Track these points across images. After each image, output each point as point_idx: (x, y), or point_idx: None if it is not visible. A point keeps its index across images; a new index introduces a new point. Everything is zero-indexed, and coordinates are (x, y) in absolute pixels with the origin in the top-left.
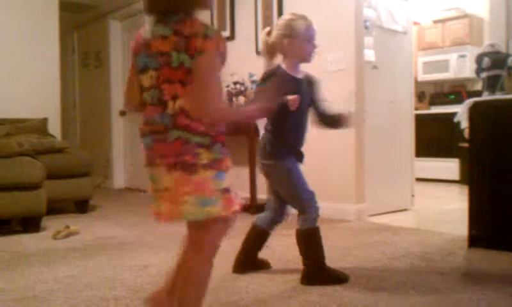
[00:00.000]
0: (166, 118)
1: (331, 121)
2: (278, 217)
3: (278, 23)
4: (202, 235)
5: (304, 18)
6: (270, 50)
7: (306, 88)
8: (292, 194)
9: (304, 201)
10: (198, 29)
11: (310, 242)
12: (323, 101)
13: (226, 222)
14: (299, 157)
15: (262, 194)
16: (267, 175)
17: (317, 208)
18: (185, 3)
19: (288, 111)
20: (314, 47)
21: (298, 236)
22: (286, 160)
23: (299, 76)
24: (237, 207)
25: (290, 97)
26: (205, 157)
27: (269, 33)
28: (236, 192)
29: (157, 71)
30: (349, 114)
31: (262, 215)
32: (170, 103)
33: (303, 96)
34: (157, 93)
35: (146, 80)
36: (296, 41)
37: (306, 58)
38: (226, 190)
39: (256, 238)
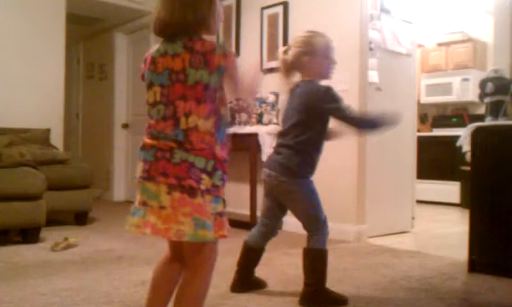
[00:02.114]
0: (180, 134)
1: (369, 123)
2: (270, 233)
3: (295, 40)
4: (198, 255)
5: (322, 35)
6: (288, 68)
7: None
8: (310, 213)
9: (320, 222)
10: (214, 46)
11: (317, 262)
12: (346, 107)
13: (216, 243)
14: (313, 173)
15: None
16: (282, 192)
17: (328, 232)
18: (193, 28)
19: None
20: (333, 63)
21: (306, 254)
22: (309, 179)
23: None
24: (225, 233)
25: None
26: (206, 183)
27: (286, 51)
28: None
29: (166, 88)
30: (386, 114)
31: (252, 231)
32: (183, 120)
33: None
34: (168, 109)
35: (151, 96)
36: (316, 58)
37: (326, 75)
38: (220, 214)
39: (250, 256)
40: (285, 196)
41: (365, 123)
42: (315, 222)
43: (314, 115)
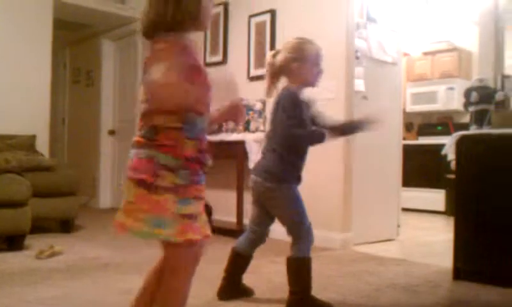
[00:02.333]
0: (150, 131)
1: (345, 128)
2: (258, 240)
3: (286, 46)
4: (173, 258)
5: (312, 42)
6: (275, 73)
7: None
8: (294, 220)
9: (304, 228)
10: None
11: (301, 271)
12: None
13: (199, 247)
14: (300, 180)
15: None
16: (268, 198)
17: (313, 239)
18: (180, 25)
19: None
20: (321, 71)
21: (290, 263)
22: (293, 185)
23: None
24: (193, 236)
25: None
26: (168, 180)
27: (274, 55)
28: (206, 223)
29: (145, 87)
30: (364, 118)
31: (241, 238)
32: (153, 118)
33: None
34: (145, 108)
35: (141, 95)
36: (305, 65)
37: (312, 83)
38: (188, 217)
39: (238, 262)
40: (270, 201)
41: (307, 139)
42: (299, 228)
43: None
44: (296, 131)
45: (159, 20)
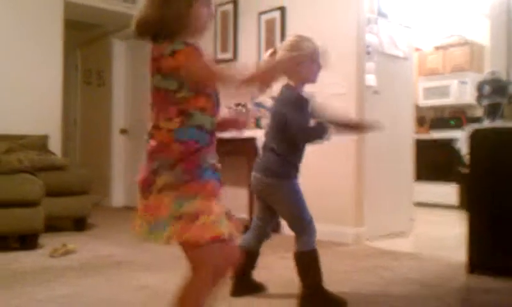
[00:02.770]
0: (149, 134)
1: (345, 126)
2: (263, 235)
3: (284, 44)
4: (194, 257)
5: (309, 39)
6: None
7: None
8: (294, 214)
9: (304, 222)
10: (162, 51)
11: (309, 264)
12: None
13: (223, 246)
14: (298, 174)
15: None
16: (268, 194)
17: (315, 231)
18: (172, 29)
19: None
20: (320, 67)
21: (297, 258)
22: (292, 180)
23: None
24: (194, 236)
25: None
26: (163, 180)
27: (272, 54)
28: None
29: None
30: (364, 121)
31: (246, 235)
32: (154, 123)
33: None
34: (151, 112)
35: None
36: (304, 62)
37: (313, 79)
38: (188, 216)
39: (246, 259)
40: (270, 197)
41: (310, 134)
42: (299, 222)
43: (283, 121)
44: (299, 127)
45: (154, 21)
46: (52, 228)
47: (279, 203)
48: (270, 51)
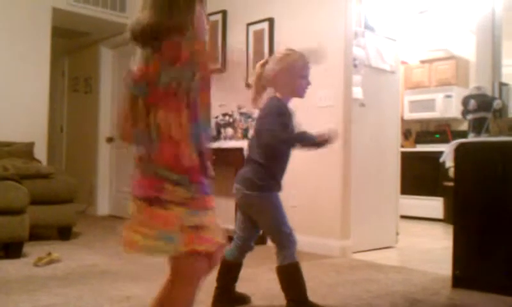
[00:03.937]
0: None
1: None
2: (246, 246)
3: (274, 57)
4: (181, 265)
5: (300, 53)
6: (262, 83)
7: None
8: (274, 227)
9: (284, 235)
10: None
11: (292, 277)
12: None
13: (209, 257)
14: (280, 187)
15: None
16: (249, 206)
17: (295, 243)
18: (165, 33)
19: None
20: (308, 83)
21: (280, 272)
22: (273, 193)
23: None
24: (201, 247)
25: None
26: (179, 195)
27: (263, 65)
28: (218, 231)
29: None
30: (328, 132)
31: (228, 247)
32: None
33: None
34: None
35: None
36: (293, 77)
37: (300, 94)
38: (194, 228)
39: (228, 271)
40: (250, 209)
41: (290, 141)
42: (279, 235)
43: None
44: (270, 132)
45: (156, 27)
46: (36, 237)
47: (259, 215)
48: (261, 62)
